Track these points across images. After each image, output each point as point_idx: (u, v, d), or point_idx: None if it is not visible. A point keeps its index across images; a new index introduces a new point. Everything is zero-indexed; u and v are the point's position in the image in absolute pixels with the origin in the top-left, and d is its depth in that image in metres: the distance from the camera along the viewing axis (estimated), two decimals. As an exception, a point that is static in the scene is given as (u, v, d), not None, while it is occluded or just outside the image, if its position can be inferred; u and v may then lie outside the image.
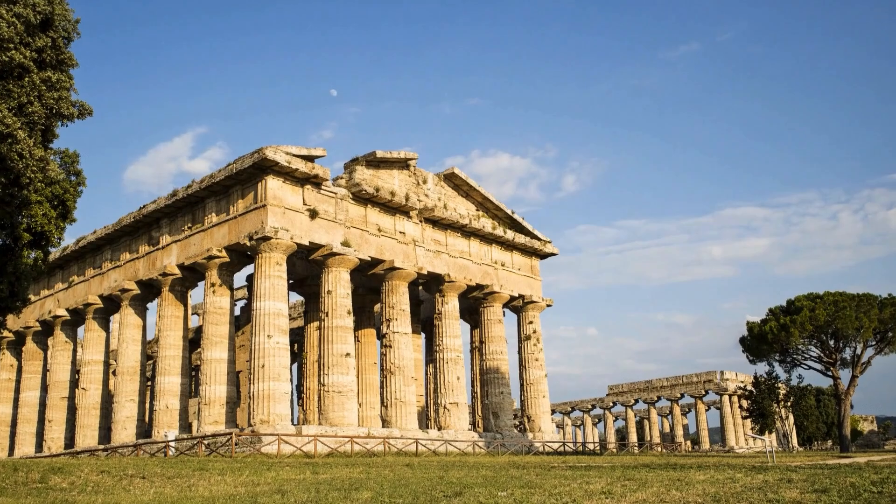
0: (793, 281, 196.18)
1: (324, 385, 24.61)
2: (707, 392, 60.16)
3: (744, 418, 51.13)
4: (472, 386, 35.23)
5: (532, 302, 33.75)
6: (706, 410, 64.51)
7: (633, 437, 63.09)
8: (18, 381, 35.82)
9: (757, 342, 36.80)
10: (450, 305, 29.99)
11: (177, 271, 26.70)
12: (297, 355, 35.79)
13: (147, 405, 33.48)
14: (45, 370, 35.26)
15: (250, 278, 29.47)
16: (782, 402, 47.61)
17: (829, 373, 35.96)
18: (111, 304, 30.91)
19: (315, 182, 25.04)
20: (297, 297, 40.79)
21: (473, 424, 35.39)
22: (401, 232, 28.19)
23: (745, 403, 49.38)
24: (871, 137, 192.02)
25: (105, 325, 31.60)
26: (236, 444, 20.78)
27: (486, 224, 31.53)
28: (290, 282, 29.34)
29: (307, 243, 24.62)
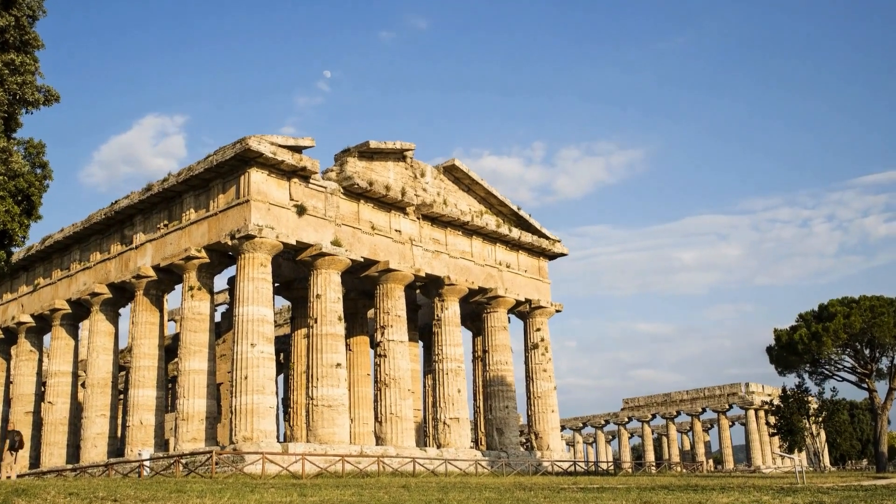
0: (774, 290, 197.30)
1: (312, 398, 24.55)
2: (731, 406, 60.11)
3: (771, 435, 51.08)
4: (475, 399, 35.19)
5: (540, 307, 33.71)
6: (730, 426, 64.48)
7: (651, 456, 63.01)
8: (-22, 394, 35.74)
9: (785, 352, 36.75)
10: (450, 311, 29.95)
11: (152, 273, 26.63)
12: (284, 366, 35.73)
13: (119, 421, 33.35)
14: (8, 382, 35.18)
15: (232, 281, 29.42)
16: (813, 418, 47.54)
17: (865, 385, 35.88)
18: (80, 310, 30.84)
19: (303, 175, 24.99)
20: (283, 302, 40.71)
21: (476, 442, 35.32)
22: (396, 230, 28.16)
23: (772, 419, 49.30)
24: (835, 137, 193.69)
25: (74, 333, 31.54)
26: (217, 464, 20.70)
27: (490, 221, 31.52)
28: (276, 285, 29.30)
29: (294, 242, 24.58)
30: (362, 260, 26.66)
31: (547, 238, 34.44)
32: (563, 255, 35.26)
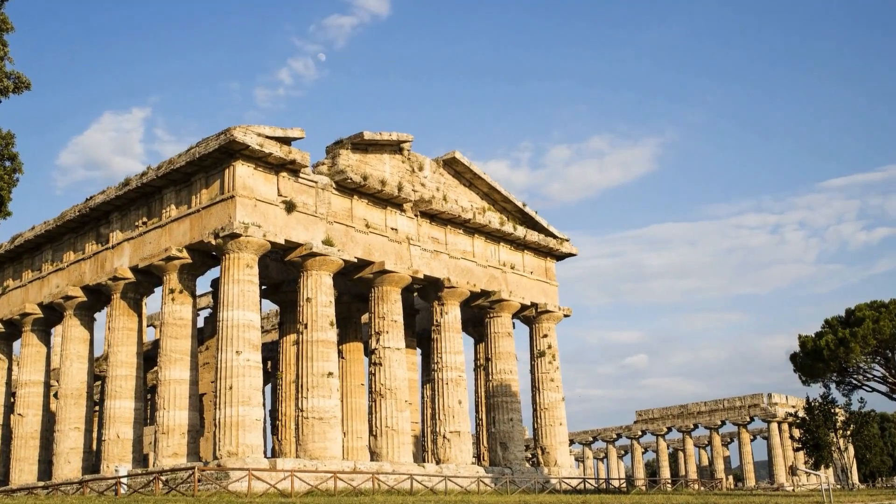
0: (757, 299, 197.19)
1: (302, 410, 24.51)
2: (752, 419, 60.02)
3: (795, 450, 50.97)
4: (477, 411, 35.13)
5: (547, 311, 33.66)
6: (751, 440, 64.43)
7: (666, 473, 62.94)
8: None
9: (810, 360, 36.65)
10: (450, 315, 29.88)
11: (129, 275, 26.56)
12: (271, 375, 35.64)
13: (95, 434, 33.26)
14: (-25, 392, 35.06)
15: (216, 283, 29.33)
16: (840, 431, 47.44)
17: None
18: (53, 314, 30.76)
19: (292, 169, 24.95)
20: (270, 306, 40.67)
21: (478, 457, 35.25)
22: (392, 228, 28.12)
23: (796, 432, 49.19)
24: (799, 140, 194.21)
25: (46, 339, 31.48)
26: (199, 481, 20.65)
27: (493, 219, 31.47)
28: (263, 287, 29.22)
29: (283, 241, 24.53)
30: (356, 260, 26.61)
31: (554, 237, 34.39)
32: (571, 255, 35.22)
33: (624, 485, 39.93)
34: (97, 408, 35.91)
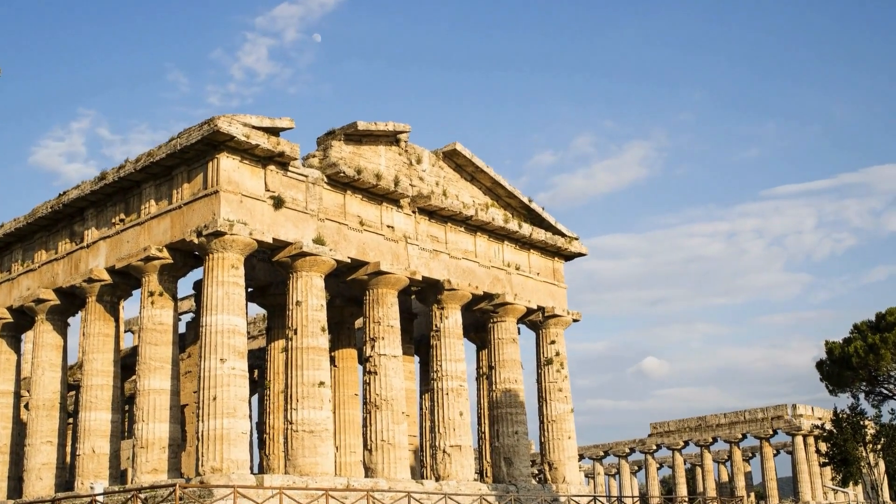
0: (730, 309, 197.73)
1: (291, 423, 24.46)
2: (776, 432, 59.95)
3: (822, 465, 50.82)
4: (479, 424, 35.07)
5: (554, 316, 33.63)
6: (774, 455, 64.32)
7: (683, 490, 62.89)
8: None
9: (838, 367, 36.62)
10: (451, 320, 29.84)
11: (106, 276, 26.51)
12: (258, 384, 35.60)
13: (69, 448, 33.19)
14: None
15: (199, 285, 29.26)
16: (870, 445, 47.32)
17: (931, 407, 35.71)
18: (23, 319, 30.69)
19: (280, 162, 24.91)
20: (257, 310, 40.65)
21: (481, 473, 35.17)
22: (389, 226, 28.08)
23: (823, 446, 49.08)
24: (746, 144, 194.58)
25: (16, 346, 31.42)
26: (181, 499, 20.57)
27: (497, 215, 31.44)
28: (250, 290, 29.19)
29: (270, 240, 24.49)
30: (349, 261, 26.56)
31: (563, 235, 34.36)
32: (581, 254, 35.17)
33: (638, 503, 39.88)
34: (71, 420, 35.85)
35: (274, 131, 24.53)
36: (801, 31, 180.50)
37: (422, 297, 30.87)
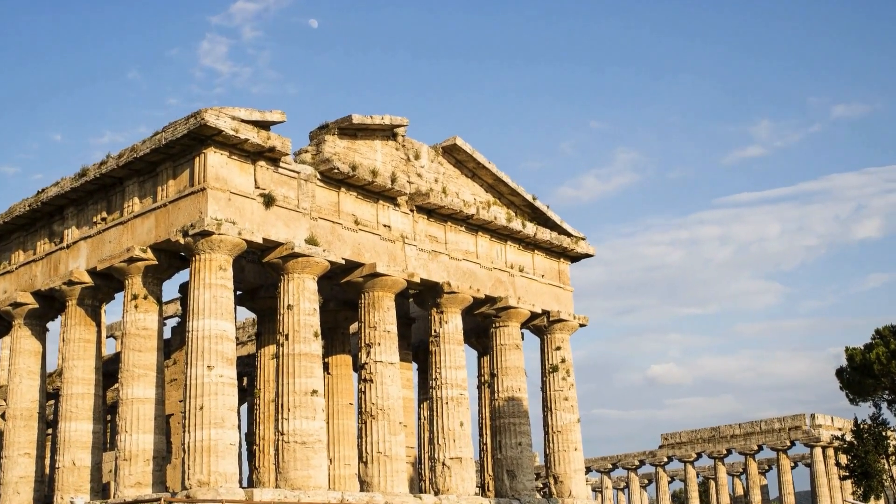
0: (702, 319, 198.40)
1: (282, 433, 24.41)
2: (793, 443, 59.96)
3: (842, 479, 50.77)
4: (481, 435, 35.00)
5: (560, 320, 33.59)
6: (792, 468, 64.29)
7: (695, 504, 62.85)
8: None
9: (859, 375, 36.54)
10: (450, 325, 29.79)
11: (87, 278, 26.46)
12: (248, 393, 35.55)
13: (48, 461, 33.14)
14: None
15: (185, 288, 29.23)
16: (893, 458, 47.30)
17: (958, 416, 35.68)
18: (0, 324, 30.71)
19: (271, 157, 24.86)
20: (247, 314, 40.56)
21: (482, 487, 35.11)
22: (385, 225, 28.04)
23: (843, 459, 49.04)
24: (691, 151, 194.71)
25: (-9, 353, 31.38)
26: (166, 512, 20.58)
27: (500, 214, 31.40)
28: (239, 293, 29.16)
29: (260, 240, 24.45)
30: (343, 262, 26.50)
31: (568, 235, 34.32)
32: (588, 255, 35.15)
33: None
34: (50, 430, 35.79)
35: (264, 125, 24.49)
36: (758, 41, 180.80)
37: (420, 300, 30.82)
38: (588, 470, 67.69)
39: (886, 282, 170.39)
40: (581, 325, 34.51)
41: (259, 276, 29.19)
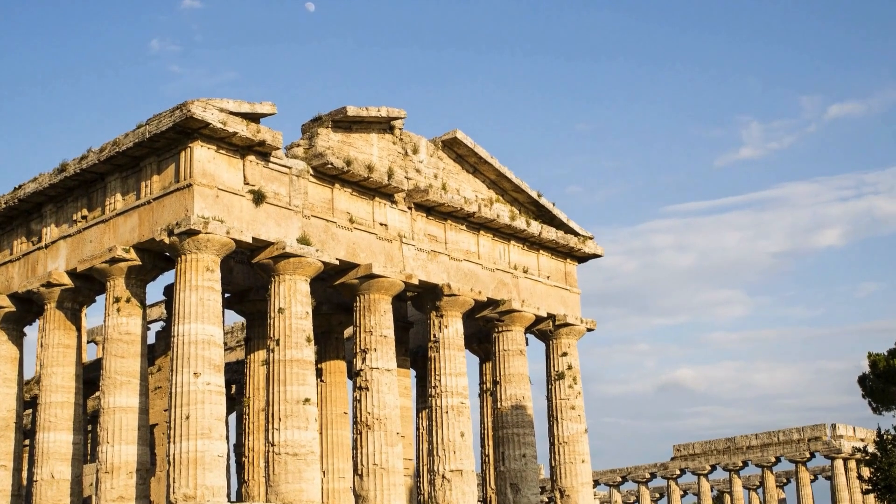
0: (668, 329, 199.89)
1: (273, 444, 24.40)
2: (813, 455, 59.89)
3: (864, 493, 50.73)
4: (483, 446, 34.99)
5: (566, 324, 33.57)
6: (811, 481, 64.25)
7: (709, 519, 62.83)
8: None
9: (882, 382, 36.54)
10: (451, 329, 29.78)
11: (66, 280, 26.42)
12: (236, 401, 35.52)
13: (25, 473, 33.11)
14: None
15: (170, 291, 29.23)
16: (919, 470, 47.25)
17: None
18: (-27, 329, 30.62)
19: (261, 152, 24.84)
20: (235, 318, 40.56)
21: (484, 501, 35.10)
22: (382, 224, 28.03)
23: (865, 471, 49.02)
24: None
25: (-35, 359, 31.32)
26: (149, 526, 20.53)
27: (503, 212, 31.39)
28: (227, 296, 29.17)
29: (250, 240, 24.44)
30: (337, 262, 26.50)
31: (575, 234, 34.31)
32: (596, 256, 35.13)
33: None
34: (28, 441, 35.75)
35: (254, 117, 24.47)
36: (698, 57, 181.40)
37: (418, 303, 30.81)
38: (596, 483, 67.66)
39: (867, 290, 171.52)
40: (589, 330, 34.48)
41: (248, 277, 29.20)
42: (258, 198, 24.77)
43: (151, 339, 33.88)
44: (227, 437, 27.72)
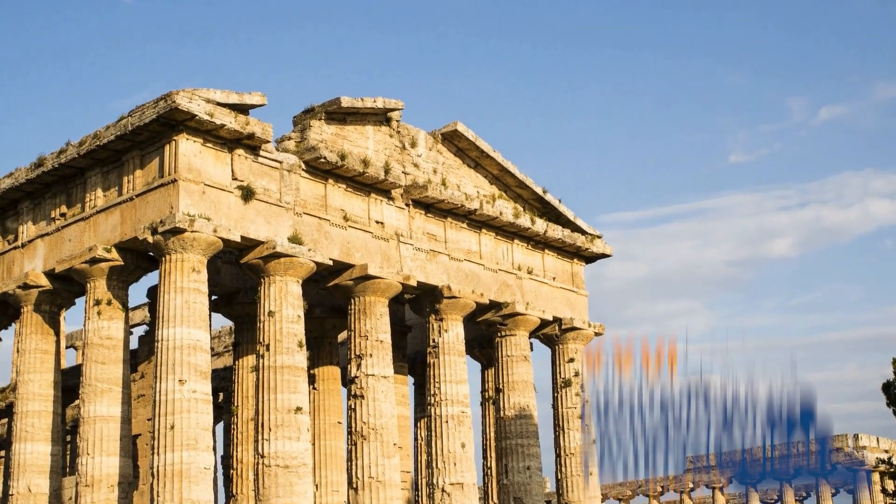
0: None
1: (263, 456, 24.44)
2: (834, 466, 59.81)
3: (889, 506, 50.86)
4: (485, 457, 35.02)
5: (573, 328, 33.60)
6: (833, 494, 64.23)
7: (724, 535, 62.87)
8: None
9: (908, 390, 36.61)
10: (451, 334, 29.80)
11: (44, 281, 26.44)
12: (224, 410, 35.56)
13: (0, 487, 33.16)
14: None
15: (153, 293, 29.19)
16: (946, 482, 47.33)
17: None
18: (-55, 334, 30.70)
19: (250, 145, 24.87)
20: (223, 322, 40.63)
21: (487, 514, 35.14)
22: (378, 222, 28.06)
23: (890, 484, 49.09)
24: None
25: (-64, 366, 31.41)
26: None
27: (506, 209, 31.42)
28: (214, 298, 29.22)
29: (238, 239, 24.45)
30: (331, 263, 26.51)
31: (583, 232, 34.34)
32: (604, 256, 35.19)
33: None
34: (2, 453, 35.81)
35: (242, 109, 24.46)
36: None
37: (417, 306, 30.85)
38: (604, 497, 67.67)
39: (823, 299, 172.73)
40: (597, 335, 34.49)
41: (237, 278, 29.21)
42: (247, 194, 24.78)
43: (134, 345, 33.93)
44: (215, 449, 27.71)
